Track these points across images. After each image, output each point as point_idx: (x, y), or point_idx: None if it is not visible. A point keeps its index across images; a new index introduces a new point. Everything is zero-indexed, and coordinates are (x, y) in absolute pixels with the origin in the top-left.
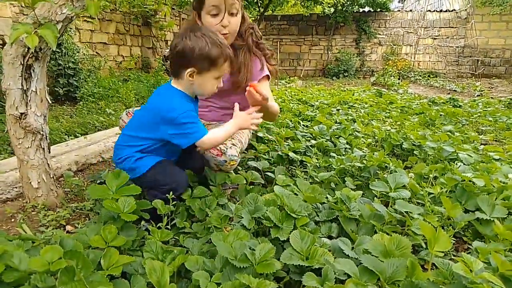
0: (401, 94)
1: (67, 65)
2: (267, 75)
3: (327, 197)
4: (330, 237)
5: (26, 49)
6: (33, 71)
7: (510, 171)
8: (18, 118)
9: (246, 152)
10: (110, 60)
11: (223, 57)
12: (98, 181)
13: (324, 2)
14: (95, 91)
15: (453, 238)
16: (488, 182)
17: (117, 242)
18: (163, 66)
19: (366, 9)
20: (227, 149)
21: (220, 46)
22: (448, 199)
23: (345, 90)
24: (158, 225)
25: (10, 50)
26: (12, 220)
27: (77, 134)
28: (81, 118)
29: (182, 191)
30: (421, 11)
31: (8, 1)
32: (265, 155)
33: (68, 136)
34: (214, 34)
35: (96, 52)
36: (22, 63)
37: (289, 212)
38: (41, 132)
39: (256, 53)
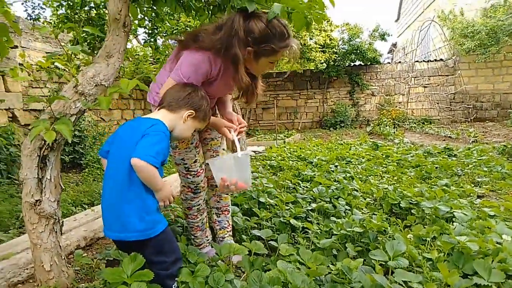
0: (397, 143)
1: (73, 133)
2: None
3: (329, 266)
4: None
5: (43, 141)
6: (48, 160)
7: (505, 230)
8: (33, 205)
9: (249, 220)
10: (114, 125)
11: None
12: (107, 259)
13: (316, 60)
14: (100, 157)
15: None
16: (483, 245)
17: None
18: None
19: (357, 63)
20: None
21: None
22: (445, 266)
23: (342, 144)
24: None
25: (29, 144)
26: None
27: (84, 205)
28: (87, 187)
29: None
30: (410, 62)
31: (30, 101)
32: (267, 221)
33: (75, 207)
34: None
35: (101, 118)
36: (39, 154)
37: None
38: (55, 217)
39: None
